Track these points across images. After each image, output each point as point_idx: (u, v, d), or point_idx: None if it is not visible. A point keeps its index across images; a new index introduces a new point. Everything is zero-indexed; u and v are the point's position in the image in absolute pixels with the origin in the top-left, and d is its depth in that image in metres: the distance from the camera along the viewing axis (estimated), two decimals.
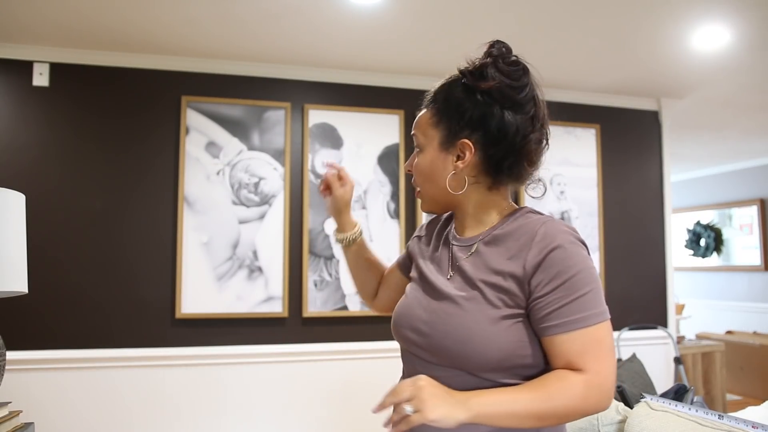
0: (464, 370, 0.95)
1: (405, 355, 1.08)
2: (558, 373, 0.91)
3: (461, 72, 1.03)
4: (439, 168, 1.03)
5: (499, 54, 1.01)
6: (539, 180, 1.08)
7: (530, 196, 1.10)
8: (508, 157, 1.00)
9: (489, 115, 0.98)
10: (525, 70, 1.01)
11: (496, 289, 0.95)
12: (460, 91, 1.01)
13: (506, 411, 0.88)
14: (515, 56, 1.02)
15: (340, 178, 1.25)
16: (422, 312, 1.02)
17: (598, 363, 0.90)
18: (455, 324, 0.95)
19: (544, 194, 1.09)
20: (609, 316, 0.94)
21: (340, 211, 1.28)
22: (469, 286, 0.98)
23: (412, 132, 1.09)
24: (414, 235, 1.26)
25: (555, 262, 0.92)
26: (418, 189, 1.10)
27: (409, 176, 1.18)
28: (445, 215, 1.19)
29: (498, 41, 1.02)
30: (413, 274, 1.15)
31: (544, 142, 1.03)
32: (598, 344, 0.91)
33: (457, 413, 0.86)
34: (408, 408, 0.86)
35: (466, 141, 1.00)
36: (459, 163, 1.01)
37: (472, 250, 1.02)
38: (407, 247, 1.26)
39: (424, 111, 1.08)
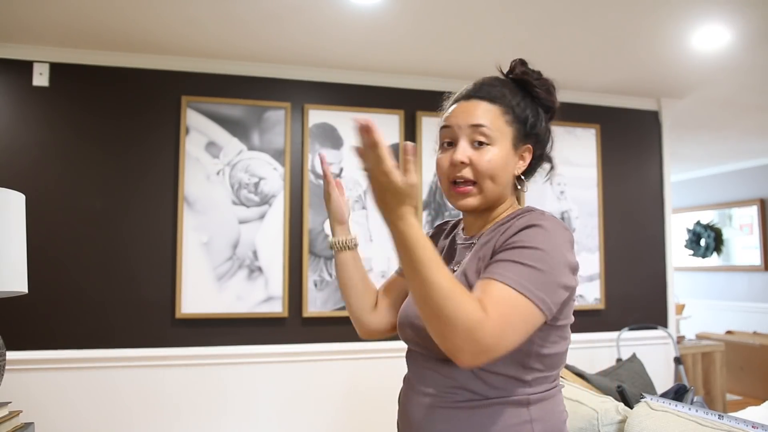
0: (460, 367, 0.95)
1: (409, 353, 1.11)
2: (470, 294, 0.85)
3: (525, 79, 1.07)
4: (510, 165, 1.04)
5: (545, 76, 1.09)
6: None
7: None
8: (540, 163, 1.10)
9: (547, 130, 1.09)
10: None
11: (479, 273, 0.98)
12: (530, 101, 1.07)
13: (415, 257, 0.83)
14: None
15: (328, 182, 1.23)
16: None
17: (498, 319, 0.82)
18: None
19: (551, 170, 1.15)
20: (542, 308, 0.87)
21: (335, 219, 1.25)
22: (461, 277, 1.02)
23: (475, 122, 1.01)
24: None
25: (526, 234, 0.93)
26: (472, 184, 1.01)
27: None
28: (452, 222, 1.22)
29: (521, 59, 1.09)
30: None
31: None
32: (510, 308, 0.85)
33: (384, 217, 0.85)
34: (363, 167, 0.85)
35: (530, 146, 1.07)
36: (521, 164, 1.07)
37: (473, 244, 1.07)
38: None
39: (485, 104, 1.02)
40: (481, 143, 1.00)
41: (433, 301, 0.81)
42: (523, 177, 1.08)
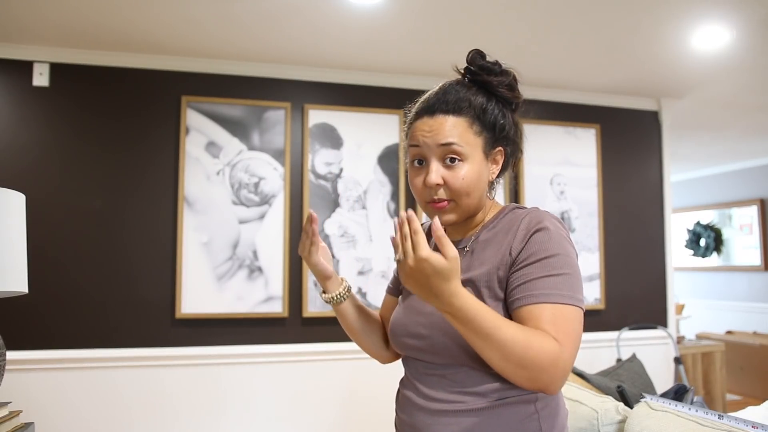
0: (466, 366, 0.96)
1: (406, 360, 1.10)
2: (539, 331, 0.87)
3: (484, 80, 1.03)
4: (484, 175, 1.02)
5: (504, 67, 1.06)
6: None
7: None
8: (513, 158, 1.08)
9: (515, 124, 1.07)
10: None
11: (490, 282, 0.98)
12: (494, 107, 1.03)
13: (481, 327, 0.84)
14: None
15: (313, 243, 1.12)
16: (420, 317, 1.03)
17: (568, 341, 0.88)
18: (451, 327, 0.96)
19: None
20: (583, 307, 0.94)
21: (322, 277, 1.17)
22: (468, 286, 0.99)
23: (444, 141, 0.98)
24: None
25: (536, 241, 0.95)
26: (448, 201, 1.00)
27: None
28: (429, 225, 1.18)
29: (477, 50, 1.06)
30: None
31: None
32: (569, 323, 0.90)
33: (432, 301, 0.85)
34: (397, 256, 0.84)
35: (502, 149, 1.05)
36: (494, 168, 1.06)
37: (465, 251, 1.05)
38: (395, 270, 1.25)
39: (451, 118, 0.99)
40: (453, 159, 0.99)
41: (516, 356, 0.85)
42: (499, 177, 1.08)
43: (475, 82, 1.04)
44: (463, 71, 1.06)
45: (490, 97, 1.03)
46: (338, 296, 1.17)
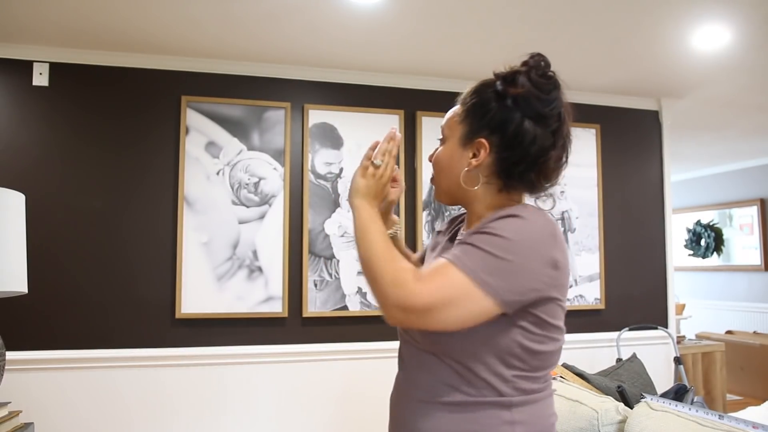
0: (431, 353, 0.99)
1: (399, 351, 1.12)
2: (404, 262, 0.95)
3: (495, 75, 1.04)
4: (455, 161, 1.05)
5: (534, 65, 1.02)
6: (550, 194, 1.08)
7: (540, 207, 1.11)
8: (520, 165, 1.00)
9: (509, 119, 1.00)
10: (556, 86, 1.02)
11: None
12: (490, 93, 1.03)
13: (359, 230, 1.00)
14: (552, 71, 1.03)
15: (395, 180, 1.21)
16: None
17: (430, 284, 0.89)
18: None
19: (552, 208, 1.08)
20: (488, 292, 0.88)
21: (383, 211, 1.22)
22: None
23: (441, 125, 1.11)
24: (436, 229, 1.30)
25: (498, 222, 0.94)
26: (432, 178, 1.12)
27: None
28: (455, 219, 1.23)
29: (538, 54, 1.04)
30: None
31: (564, 160, 1.04)
32: (446, 279, 0.89)
33: (351, 195, 1.07)
34: (377, 161, 1.06)
35: (483, 140, 1.01)
36: (473, 160, 1.03)
37: (457, 242, 1.07)
38: (431, 237, 1.32)
39: (455, 107, 1.09)
40: (442, 142, 1.10)
41: (370, 263, 0.94)
42: (504, 178, 1.02)
43: (495, 75, 1.06)
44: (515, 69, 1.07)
45: (485, 89, 1.05)
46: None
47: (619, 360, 3.11)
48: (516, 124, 0.99)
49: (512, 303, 0.91)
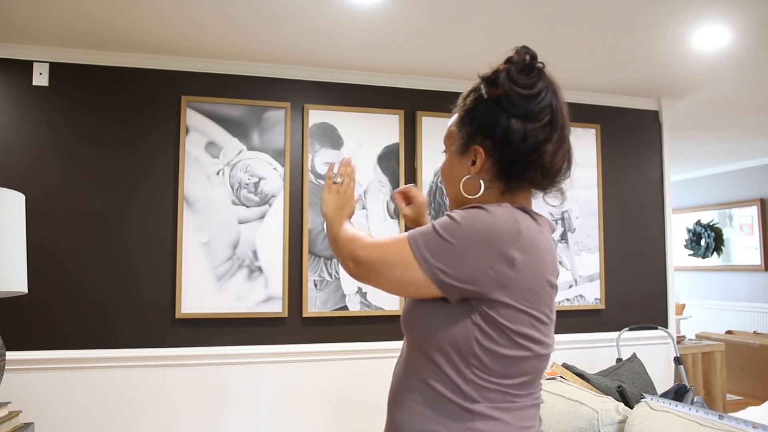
0: (416, 349, 1.01)
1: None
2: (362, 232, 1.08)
3: (479, 77, 1.04)
4: (456, 171, 1.06)
5: (517, 60, 0.99)
6: (560, 189, 1.08)
7: (548, 204, 1.10)
8: (516, 165, 0.99)
9: (495, 122, 0.98)
10: (540, 77, 0.98)
11: None
12: (476, 97, 1.03)
13: (331, 229, 1.13)
14: (536, 63, 0.99)
15: (407, 198, 1.32)
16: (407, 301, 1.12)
17: (375, 245, 1.01)
18: (409, 304, 1.04)
19: (561, 203, 1.10)
20: (422, 265, 0.94)
21: (416, 222, 1.35)
22: None
23: (443, 136, 1.12)
24: None
25: (462, 210, 0.96)
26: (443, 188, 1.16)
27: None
28: None
29: (523, 47, 1.01)
30: None
31: (564, 150, 1.02)
32: (392, 245, 0.98)
33: (324, 209, 1.16)
34: (337, 179, 1.18)
35: (478, 147, 1.01)
36: (472, 167, 1.02)
37: None
38: None
39: (453, 116, 1.10)
40: (445, 153, 1.11)
41: (332, 241, 1.11)
42: (504, 182, 1.01)
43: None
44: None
45: (471, 94, 1.05)
46: None
47: (619, 360, 3.11)
48: (503, 125, 0.97)
49: (447, 285, 0.92)
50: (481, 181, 1.02)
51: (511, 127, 0.97)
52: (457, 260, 0.91)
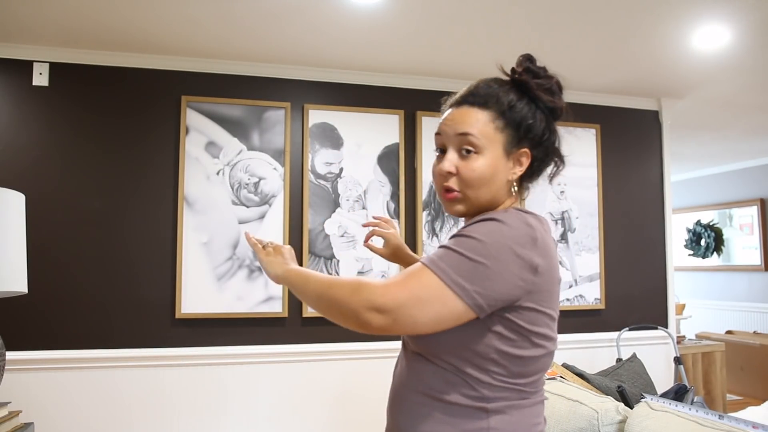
0: (422, 356, 0.99)
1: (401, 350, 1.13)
2: (344, 277, 0.99)
3: (523, 80, 1.03)
4: (501, 172, 1.00)
5: (551, 73, 1.06)
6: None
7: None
8: (540, 171, 1.07)
9: (551, 131, 1.05)
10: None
11: None
12: (526, 102, 1.02)
13: (302, 284, 1.05)
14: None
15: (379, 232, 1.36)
16: None
17: (397, 286, 0.89)
18: None
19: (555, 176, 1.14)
20: (460, 294, 0.88)
21: (396, 257, 1.36)
22: None
23: (462, 131, 1.00)
24: None
25: (475, 225, 0.94)
26: (457, 192, 1.00)
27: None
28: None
29: (527, 54, 1.06)
30: None
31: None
32: (419, 284, 0.89)
33: (275, 270, 1.15)
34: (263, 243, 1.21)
35: (527, 150, 1.02)
36: (517, 169, 1.02)
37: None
38: None
39: (475, 111, 1.00)
40: (468, 151, 0.99)
41: (322, 299, 0.97)
42: (520, 181, 1.05)
43: (515, 81, 1.03)
44: (507, 71, 1.06)
45: (522, 96, 1.02)
46: None
47: (619, 360, 3.11)
48: (554, 134, 1.06)
49: (484, 307, 0.89)
50: (515, 184, 1.04)
51: (557, 138, 1.06)
52: (491, 279, 0.88)
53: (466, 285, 0.88)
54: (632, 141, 3.49)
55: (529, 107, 1.02)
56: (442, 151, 1.03)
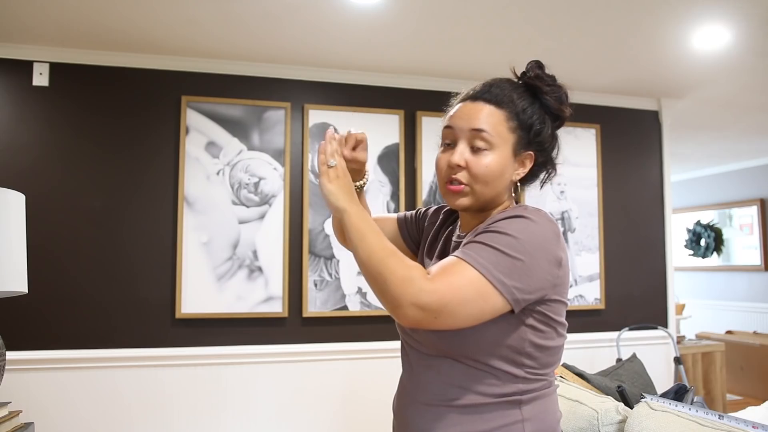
0: (450, 357, 0.98)
1: (402, 351, 1.11)
2: (406, 259, 0.91)
3: (536, 86, 1.04)
4: (507, 172, 1.02)
5: (559, 83, 1.06)
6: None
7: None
8: (543, 167, 1.08)
9: (555, 138, 1.08)
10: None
11: None
12: (538, 107, 1.04)
13: (358, 236, 0.93)
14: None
15: (356, 142, 1.12)
16: None
17: (440, 282, 0.87)
18: None
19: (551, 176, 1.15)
20: (501, 290, 0.89)
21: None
22: None
23: (476, 126, 1.00)
24: (423, 209, 1.27)
25: (505, 222, 0.94)
26: (465, 185, 1.01)
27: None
28: (446, 212, 1.22)
29: (537, 61, 1.06)
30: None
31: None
32: (457, 276, 0.88)
33: (337, 202, 0.97)
34: (331, 161, 1.00)
35: (532, 154, 1.05)
36: (521, 170, 1.05)
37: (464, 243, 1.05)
38: (418, 212, 1.27)
39: (489, 108, 1.01)
40: (479, 148, 1.00)
41: (371, 266, 0.90)
42: (520, 183, 1.07)
43: (527, 85, 1.05)
44: (518, 74, 1.08)
45: (534, 101, 1.04)
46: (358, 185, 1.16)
47: (619, 360, 3.11)
48: (556, 141, 1.08)
49: (521, 301, 0.92)
50: (518, 183, 1.06)
51: (558, 146, 1.08)
52: (528, 275, 0.91)
53: (506, 281, 0.90)
54: (632, 141, 3.49)
55: (540, 113, 1.04)
56: (450, 144, 1.04)
